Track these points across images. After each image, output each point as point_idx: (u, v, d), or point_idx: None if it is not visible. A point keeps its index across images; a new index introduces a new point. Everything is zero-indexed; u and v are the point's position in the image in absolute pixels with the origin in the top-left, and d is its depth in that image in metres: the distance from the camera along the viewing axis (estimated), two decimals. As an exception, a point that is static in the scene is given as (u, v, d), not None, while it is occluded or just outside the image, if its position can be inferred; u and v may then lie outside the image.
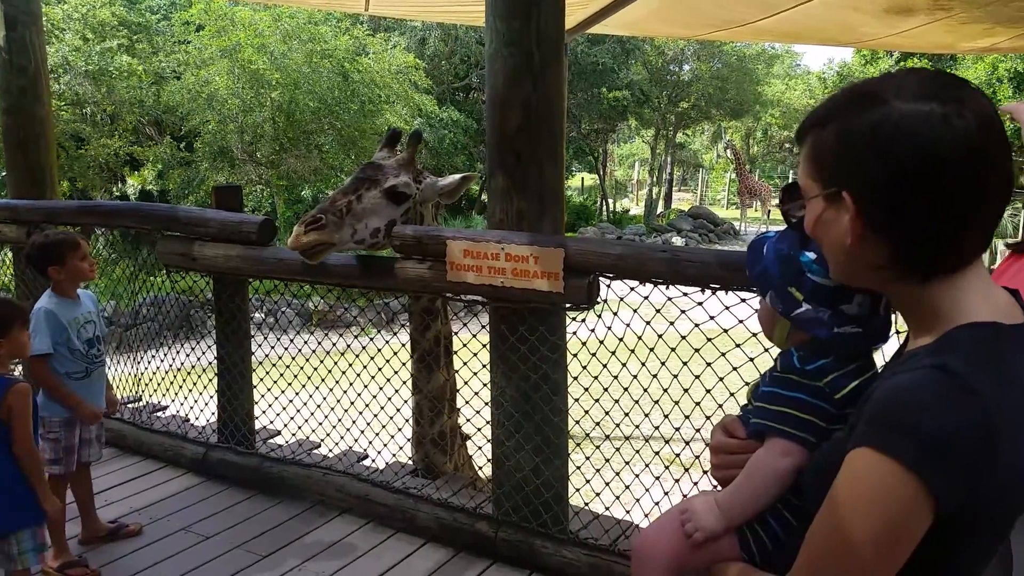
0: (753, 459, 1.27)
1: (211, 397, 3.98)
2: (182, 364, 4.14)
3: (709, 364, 2.86)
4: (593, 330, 2.91)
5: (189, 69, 14.92)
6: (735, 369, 2.83)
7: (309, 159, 16.12)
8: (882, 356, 1.28)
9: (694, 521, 1.28)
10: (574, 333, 2.95)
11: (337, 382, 3.53)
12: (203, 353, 4.16)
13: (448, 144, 18.75)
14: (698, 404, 2.90)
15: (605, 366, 2.96)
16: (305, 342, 3.98)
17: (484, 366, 3.20)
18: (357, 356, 3.61)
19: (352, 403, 3.60)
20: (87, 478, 3.31)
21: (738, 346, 2.83)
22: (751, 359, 2.81)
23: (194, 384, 4.15)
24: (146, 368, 4.49)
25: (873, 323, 1.26)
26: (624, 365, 2.90)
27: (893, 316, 1.28)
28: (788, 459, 1.24)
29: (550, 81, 2.99)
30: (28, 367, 3.09)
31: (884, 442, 0.95)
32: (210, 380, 4.04)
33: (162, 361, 4.28)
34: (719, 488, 1.37)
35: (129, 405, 4.50)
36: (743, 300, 2.70)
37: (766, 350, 2.79)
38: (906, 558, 0.97)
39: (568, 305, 2.95)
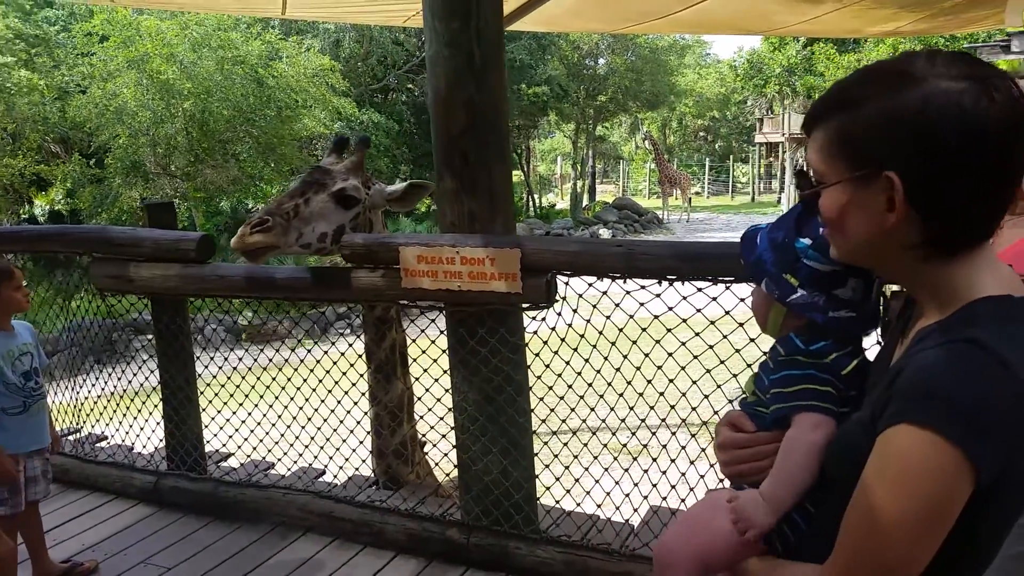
0: (786, 441, 1.27)
1: (158, 423, 3.82)
2: (113, 390, 3.96)
3: (671, 354, 2.90)
4: (554, 328, 2.92)
5: (95, 82, 14.34)
6: (696, 358, 2.88)
7: (226, 169, 15.70)
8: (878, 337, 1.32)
9: (744, 521, 1.26)
10: (535, 333, 2.95)
11: (276, 398, 3.45)
12: (133, 376, 4.01)
13: (371, 147, 18.52)
14: (662, 394, 2.93)
15: (568, 363, 2.96)
16: (240, 359, 3.86)
17: (445, 372, 3.16)
18: (296, 370, 3.53)
19: (296, 418, 3.52)
20: (36, 517, 3.14)
21: (697, 334, 2.87)
22: (710, 346, 2.87)
23: (131, 409, 3.98)
24: (76, 396, 4.28)
25: (866, 307, 1.29)
26: (587, 361, 2.91)
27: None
28: (821, 431, 1.24)
29: (493, 81, 2.98)
30: None
31: (924, 417, 0.95)
32: (155, 405, 3.88)
33: (91, 388, 4.09)
34: (723, 485, 1.37)
35: (69, 437, 4.29)
36: (699, 290, 2.75)
37: (724, 337, 2.86)
38: (949, 527, 0.98)
39: (527, 305, 2.94)
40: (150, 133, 14.51)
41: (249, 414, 3.62)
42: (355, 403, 3.46)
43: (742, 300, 2.76)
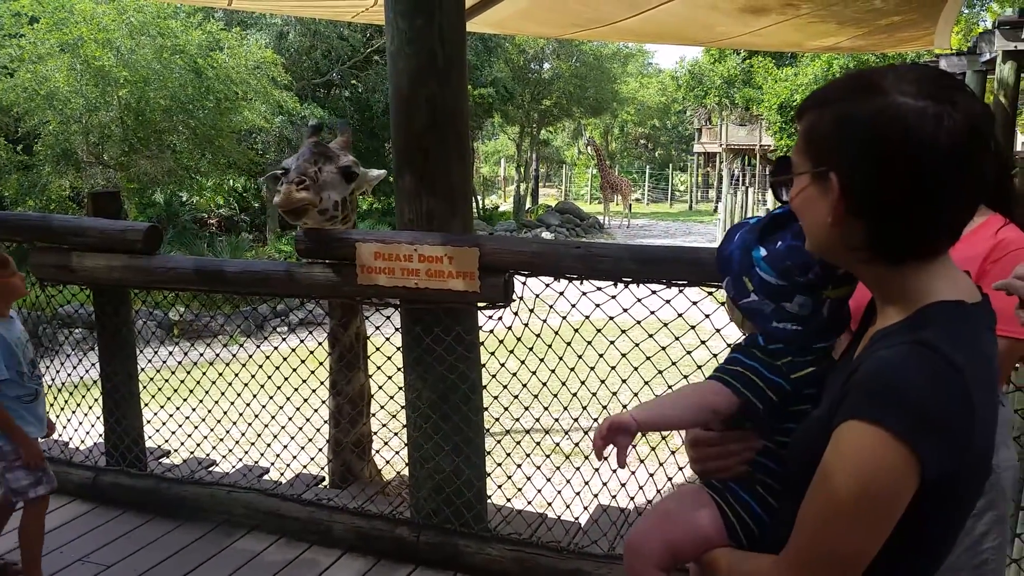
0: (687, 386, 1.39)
1: (97, 418, 3.70)
2: (50, 383, 3.82)
3: (624, 355, 2.96)
4: (510, 327, 2.94)
5: (23, 65, 13.73)
6: (648, 359, 2.94)
7: (162, 160, 15.26)
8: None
9: (605, 422, 1.33)
10: (491, 332, 2.96)
11: (222, 394, 3.38)
12: (58, 371, 3.90)
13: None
14: (615, 394, 2.98)
15: (523, 362, 2.99)
16: (170, 353, 3.78)
17: (399, 369, 3.15)
18: (228, 366, 3.51)
19: (242, 414, 3.47)
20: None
21: (651, 336, 2.94)
22: (663, 348, 2.93)
23: (68, 404, 3.85)
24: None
25: (814, 323, 1.32)
26: (542, 360, 2.94)
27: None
28: (714, 396, 1.32)
29: (454, 79, 2.98)
30: None
31: (874, 413, 1.00)
32: (95, 400, 3.76)
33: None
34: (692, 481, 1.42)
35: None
36: (653, 292, 2.81)
37: (676, 339, 2.93)
38: (895, 522, 1.02)
39: (484, 304, 2.96)
40: (83, 120, 13.98)
41: (193, 410, 3.54)
42: (305, 400, 3.42)
43: (694, 303, 2.85)
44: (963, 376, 1.00)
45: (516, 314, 2.95)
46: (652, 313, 2.77)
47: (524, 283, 2.93)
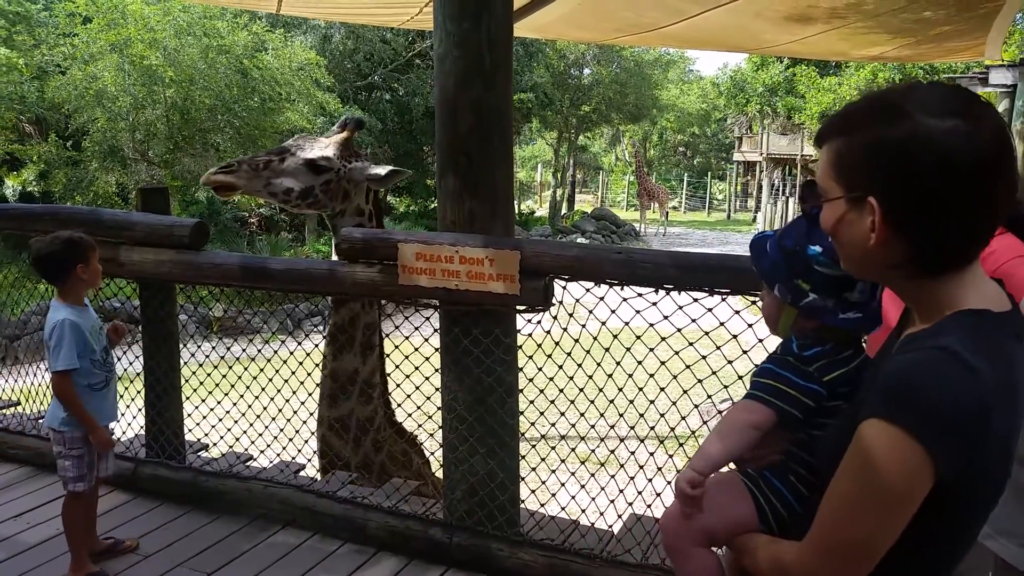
0: (725, 413, 1.45)
1: (139, 410, 3.77)
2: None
3: (663, 363, 2.93)
4: (549, 332, 2.93)
5: (76, 63, 14.09)
6: (688, 367, 2.91)
7: (205, 159, 15.53)
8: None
9: (678, 485, 1.42)
10: (529, 335, 2.96)
11: (263, 390, 3.42)
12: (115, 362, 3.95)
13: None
14: (652, 403, 2.96)
15: (561, 367, 2.98)
16: (213, 348, 3.84)
17: (436, 370, 3.16)
18: (268, 361, 3.55)
19: (281, 411, 3.51)
20: (96, 493, 3.15)
21: (691, 344, 2.91)
22: (703, 357, 2.90)
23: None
24: (45, 379, 4.21)
25: (871, 307, 1.38)
26: (580, 365, 2.93)
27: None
28: (749, 415, 1.40)
29: (500, 83, 2.99)
30: (51, 382, 2.93)
31: (892, 413, 1.06)
32: (138, 392, 3.83)
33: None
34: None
35: (40, 421, 4.20)
36: (695, 300, 2.79)
37: (718, 347, 2.90)
38: (909, 517, 1.08)
39: (523, 307, 2.95)
40: (130, 118, 14.30)
41: (234, 404, 3.59)
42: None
43: (737, 312, 2.82)
44: (979, 381, 1.04)
45: (555, 318, 2.94)
46: (693, 321, 2.74)
47: (564, 287, 2.92)
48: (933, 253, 1.12)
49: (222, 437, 3.78)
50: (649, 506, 3.07)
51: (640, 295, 2.81)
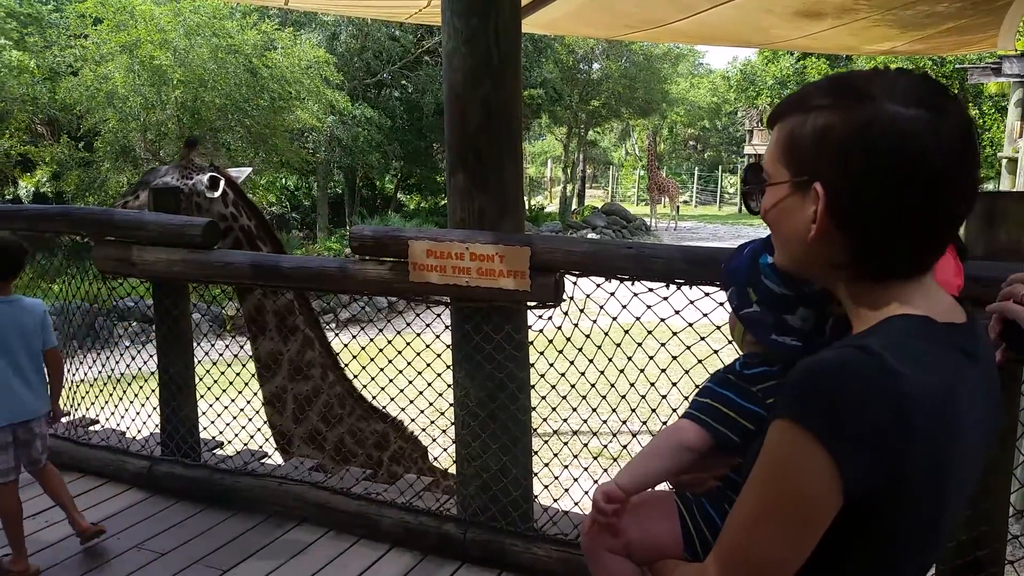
0: (659, 432, 1.39)
1: (154, 408, 3.80)
2: (109, 375, 3.95)
3: (675, 358, 2.93)
4: (559, 327, 2.93)
5: (87, 65, 14.18)
6: (700, 362, 2.90)
7: (216, 158, 15.56)
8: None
9: (595, 497, 1.34)
10: (540, 331, 2.96)
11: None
12: (116, 363, 4.01)
13: (363, 142, 18.48)
14: (664, 397, 2.96)
15: (572, 363, 2.98)
16: (226, 346, 3.87)
17: (448, 367, 3.17)
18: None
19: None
20: (58, 475, 3.23)
21: (703, 339, 2.91)
22: (715, 351, 2.89)
23: (126, 394, 3.95)
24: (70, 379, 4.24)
25: (815, 341, 1.24)
26: (591, 361, 2.93)
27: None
28: (682, 435, 1.32)
29: (509, 80, 2.99)
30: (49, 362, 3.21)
31: (798, 413, 0.94)
32: (153, 391, 3.86)
33: (75, 372, 4.05)
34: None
35: (63, 420, 4.24)
36: (707, 295, 2.78)
37: (730, 342, 2.89)
38: (818, 535, 0.95)
39: (534, 303, 2.96)
40: (141, 118, 14.38)
41: (248, 402, 3.62)
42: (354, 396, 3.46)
43: (748, 306, 2.80)
44: (898, 386, 0.92)
45: (566, 314, 2.94)
46: (705, 316, 2.73)
47: (575, 283, 2.92)
48: (878, 256, 1.00)
49: (236, 435, 3.80)
50: (662, 501, 3.07)
51: (651, 290, 2.81)
